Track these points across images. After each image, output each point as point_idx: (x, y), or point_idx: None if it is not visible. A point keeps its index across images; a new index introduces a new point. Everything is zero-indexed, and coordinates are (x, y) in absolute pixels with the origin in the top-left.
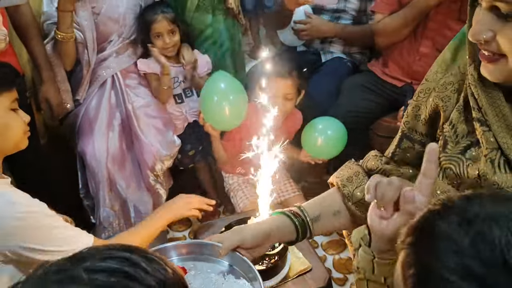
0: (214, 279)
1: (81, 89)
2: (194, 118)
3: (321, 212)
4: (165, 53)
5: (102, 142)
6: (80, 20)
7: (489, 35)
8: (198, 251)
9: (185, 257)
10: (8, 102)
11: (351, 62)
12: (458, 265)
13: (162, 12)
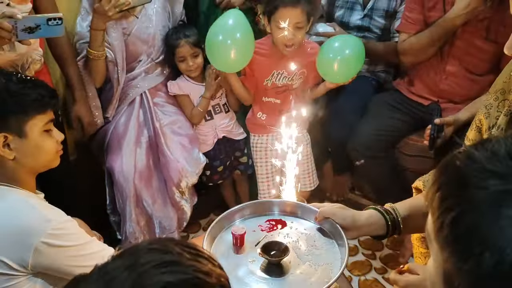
0: (308, 235)
1: (110, 106)
2: (224, 134)
3: (410, 213)
4: (189, 74)
5: (130, 158)
6: (111, 40)
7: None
8: (297, 211)
9: (285, 214)
10: (41, 124)
11: (376, 80)
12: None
13: (185, 37)
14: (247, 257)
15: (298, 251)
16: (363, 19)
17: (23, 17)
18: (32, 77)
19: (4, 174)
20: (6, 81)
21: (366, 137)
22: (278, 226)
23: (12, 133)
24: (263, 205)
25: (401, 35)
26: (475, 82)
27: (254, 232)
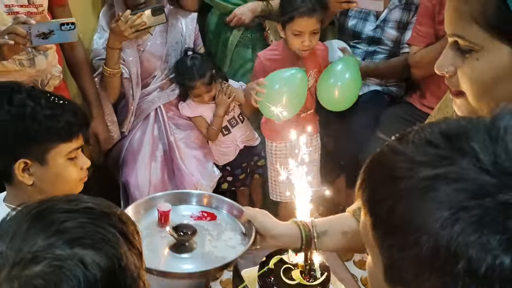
0: (226, 229)
1: (126, 121)
2: (244, 144)
3: (329, 229)
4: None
5: (145, 172)
6: (126, 57)
7: (450, 70)
8: (223, 207)
9: (219, 209)
10: (66, 152)
11: (388, 94)
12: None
13: (200, 78)
14: (161, 232)
15: (208, 238)
16: (375, 30)
17: (36, 23)
18: (63, 100)
19: (22, 198)
20: (34, 105)
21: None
22: (207, 218)
23: (33, 159)
24: (200, 196)
25: (412, 48)
26: None
27: (183, 217)
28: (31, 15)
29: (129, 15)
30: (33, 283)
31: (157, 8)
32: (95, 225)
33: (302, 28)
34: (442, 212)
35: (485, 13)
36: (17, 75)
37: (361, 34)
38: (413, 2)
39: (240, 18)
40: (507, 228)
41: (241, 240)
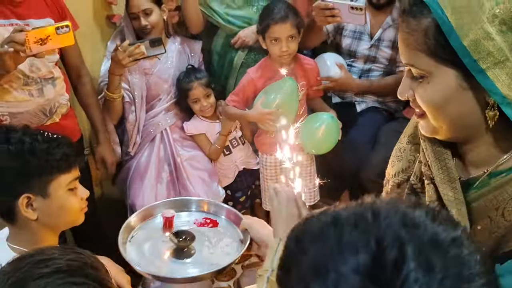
0: (225, 236)
1: (131, 143)
2: (243, 165)
3: None
4: (203, 114)
5: (151, 194)
6: (131, 79)
7: (410, 94)
8: (224, 213)
9: (214, 215)
10: (66, 183)
11: (386, 110)
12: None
13: (197, 79)
14: (164, 237)
15: (206, 244)
16: (370, 49)
17: (32, 29)
18: (57, 135)
19: (26, 236)
20: (32, 141)
21: (379, 166)
22: (210, 224)
23: (35, 193)
24: (203, 203)
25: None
26: None
27: (188, 223)
28: None
29: (127, 45)
30: None
31: (154, 40)
32: (71, 283)
33: (278, 34)
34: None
35: (427, 43)
36: (27, 105)
37: (356, 53)
38: None
39: (244, 40)
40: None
41: (237, 247)
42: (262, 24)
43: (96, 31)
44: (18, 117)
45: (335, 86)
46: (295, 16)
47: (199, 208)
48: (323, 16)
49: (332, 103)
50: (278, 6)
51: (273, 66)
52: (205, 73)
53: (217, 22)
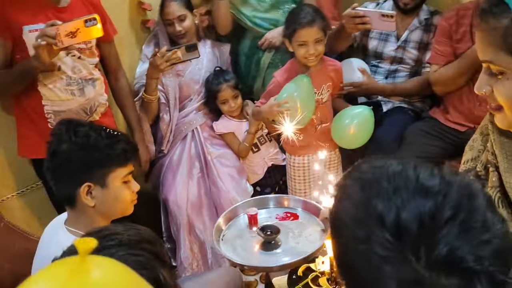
0: (307, 226)
1: (164, 141)
2: (272, 161)
3: None
4: (231, 114)
5: (183, 190)
6: (165, 82)
7: (487, 89)
8: (302, 206)
9: (298, 209)
10: (122, 175)
11: (412, 110)
12: None
13: (225, 81)
14: (251, 233)
15: (291, 236)
16: (397, 50)
17: (63, 23)
18: (117, 132)
19: (83, 220)
20: (96, 136)
21: None
22: (291, 217)
23: (95, 183)
24: (282, 199)
25: (432, 67)
26: None
27: (270, 218)
28: (81, 51)
29: (165, 51)
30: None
31: (190, 45)
32: (130, 254)
33: (305, 38)
34: None
35: (507, 42)
36: (69, 104)
37: (383, 54)
38: (433, 23)
39: (271, 41)
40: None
41: (320, 236)
42: (289, 29)
43: (132, 36)
44: (61, 115)
45: (358, 91)
46: (322, 20)
47: (278, 204)
48: (353, 24)
49: (358, 103)
50: (305, 10)
51: (299, 68)
52: (233, 75)
53: (245, 24)
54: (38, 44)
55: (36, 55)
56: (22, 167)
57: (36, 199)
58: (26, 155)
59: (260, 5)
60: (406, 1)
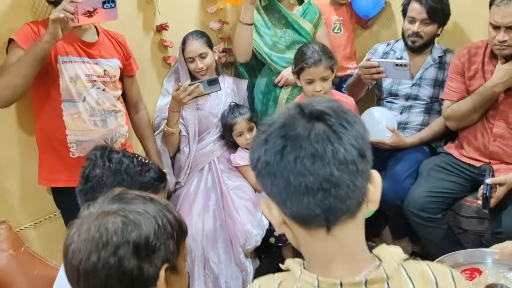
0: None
1: (182, 173)
2: None
3: None
4: (247, 147)
5: (198, 221)
6: (185, 115)
7: None
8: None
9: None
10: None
11: (428, 145)
12: None
13: (241, 114)
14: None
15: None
16: (412, 87)
17: (82, 1)
18: (149, 161)
19: None
20: (129, 162)
21: (421, 199)
22: (475, 273)
23: None
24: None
25: (445, 102)
26: None
27: None
28: (106, 84)
29: (188, 85)
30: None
31: (212, 80)
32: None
33: (312, 76)
34: None
35: None
36: (92, 134)
37: (398, 92)
38: (446, 61)
39: (287, 79)
40: None
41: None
42: (297, 67)
43: (153, 71)
44: (83, 145)
45: (388, 148)
46: (328, 58)
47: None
48: (369, 74)
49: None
50: (311, 49)
51: None
52: (248, 109)
53: (264, 58)
54: (56, 16)
55: (51, 29)
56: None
57: (53, 229)
58: (46, 184)
59: (276, 47)
60: (413, 39)
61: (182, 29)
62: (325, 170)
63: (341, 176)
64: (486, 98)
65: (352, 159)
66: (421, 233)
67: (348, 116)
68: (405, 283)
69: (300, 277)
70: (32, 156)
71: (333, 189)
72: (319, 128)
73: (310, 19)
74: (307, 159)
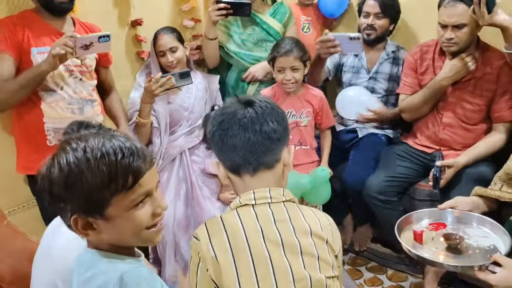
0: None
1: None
2: None
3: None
4: None
5: (170, 208)
6: (157, 108)
7: None
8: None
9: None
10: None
11: (385, 136)
12: None
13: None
14: (430, 246)
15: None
16: (369, 81)
17: (80, 36)
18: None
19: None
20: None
21: (379, 183)
22: (440, 227)
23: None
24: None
25: (400, 96)
26: (470, 131)
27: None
28: (83, 73)
29: (160, 77)
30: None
31: (183, 73)
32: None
33: (283, 64)
34: None
35: None
36: (68, 121)
37: (356, 85)
38: (399, 57)
39: (254, 75)
40: None
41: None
42: (271, 56)
43: (127, 64)
44: (60, 132)
45: (377, 118)
46: (299, 50)
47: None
48: (326, 48)
49: (336, 130)
50: (285, 41)
51: (281, 92)
52: None
53: (230, 59)
54: (57, 52)
55: (50, 61)
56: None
57: (28, 217)
58: (23, 171)
59: (244, 44)
60: (368, 32)
61: (155, 25)
62: (246, 136)
63: (256, 140)
64: (436, 91)
65: (266, 131)
66: (380, 216)
67: (271, 107)
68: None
69: (240, 200)
70: (10, 144)
71: (251, 149)
72: (248, 110)
73: (280, 18)
74: (236, 128)
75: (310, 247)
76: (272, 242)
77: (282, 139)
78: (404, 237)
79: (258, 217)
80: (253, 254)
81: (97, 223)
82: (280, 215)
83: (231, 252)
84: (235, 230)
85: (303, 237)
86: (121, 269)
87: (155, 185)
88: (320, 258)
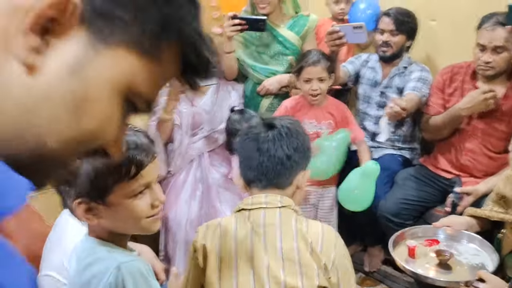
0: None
1: (173, 162)
2: None
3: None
4: None
5: (185, 207)
6: (181, 109)
7: None
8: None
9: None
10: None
11: (402, 157)
12: None
13: (246, 121)
14: (423, 261)
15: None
16: (381, 95)
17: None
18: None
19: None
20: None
21: (394, 205)
22: (434, 243)
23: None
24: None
25: (425, 115)
26: (493, 159)
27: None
28: None
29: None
30: None
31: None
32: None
33: (310, 75)
34: None
35: None
36: None
37: (370, 99)
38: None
39: (268, 88)
40: None
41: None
42: (297, 66)
43: None
44: None
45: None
46: (326, 61)
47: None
48: (332, 41)
49: (350, 150)
50: (312, 52)
51: (305, 102)
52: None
53: (247, 72)
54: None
55: None
56: None
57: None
58: None
59: (261, 57)
60: (383, 49)
61: None
62: (260, 159)
63: (269, 164)
64: (454, 118)
65: (280, 157)
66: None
67: (291, 133)
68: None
69: (239, 204)
70: None
71: (263, 171)
72: (269, 134)
73: (298, 31)
74: (254, 151)
75: (292, 252)
76: (257, 245)
77: (297, 166)
78: (398, 252)
79: (249, 220)
80: (238, 254)
81: (99, 209)
82: (270, 219)
83: (219, 247)
84: (228, 230)
85: (288, 242)
86: (120, 259)
87: (155, 178)
88: (303, 264)
